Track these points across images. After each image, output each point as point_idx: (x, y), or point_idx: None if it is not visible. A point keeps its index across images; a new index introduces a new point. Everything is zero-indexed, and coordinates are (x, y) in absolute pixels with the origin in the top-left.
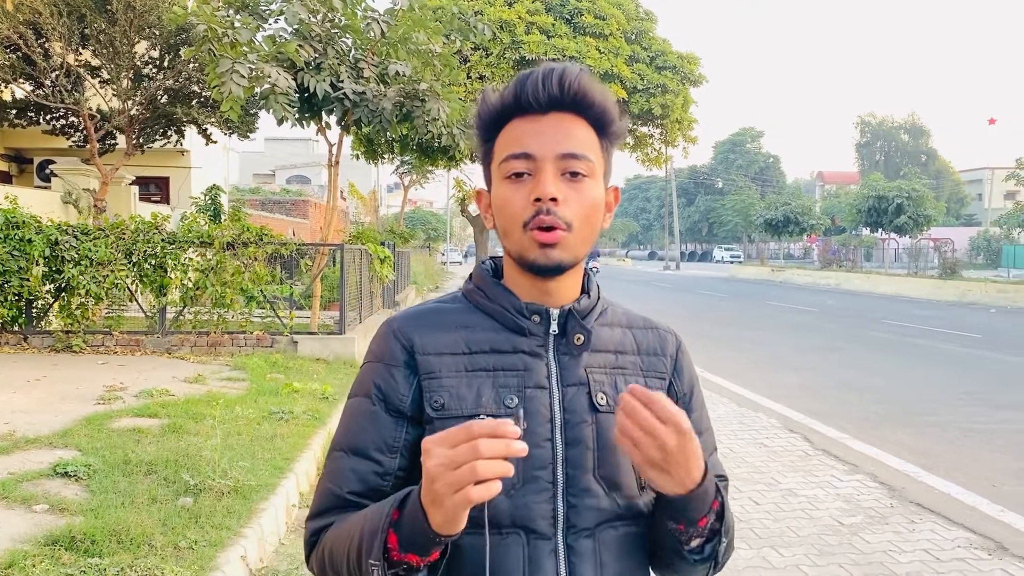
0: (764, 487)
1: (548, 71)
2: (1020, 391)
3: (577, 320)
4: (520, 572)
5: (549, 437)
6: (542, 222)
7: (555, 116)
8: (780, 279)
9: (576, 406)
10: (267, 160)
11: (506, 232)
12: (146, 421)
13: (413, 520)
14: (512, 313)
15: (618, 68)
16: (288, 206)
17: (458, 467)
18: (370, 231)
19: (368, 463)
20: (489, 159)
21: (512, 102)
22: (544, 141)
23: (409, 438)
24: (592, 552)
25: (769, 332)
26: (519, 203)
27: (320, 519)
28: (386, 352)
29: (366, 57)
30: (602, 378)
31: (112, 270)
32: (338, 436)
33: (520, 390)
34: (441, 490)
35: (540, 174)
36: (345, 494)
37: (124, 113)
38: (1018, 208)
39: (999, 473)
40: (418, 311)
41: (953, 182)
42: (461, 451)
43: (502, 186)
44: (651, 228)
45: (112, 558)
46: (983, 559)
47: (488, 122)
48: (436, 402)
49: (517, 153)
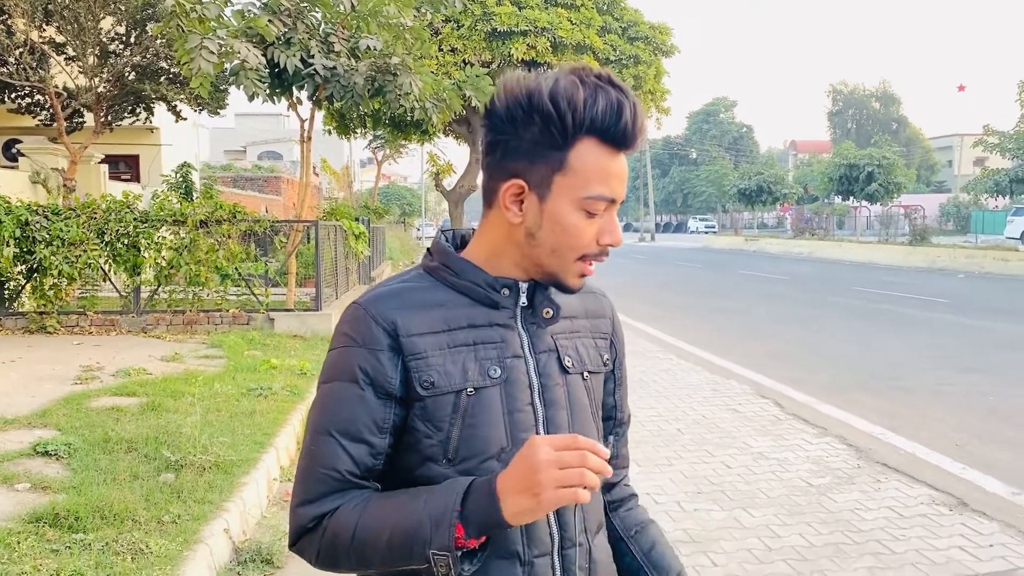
0: (736, 451)
1: (635, 110)
2: (985, 354)
3: (545, 294)
4: (519, 529)
5: (530, 401)
6: (601, 261)
7: (624, 156)
8: (753, 248)
9: (549, 370)
10: (238, 136)
11: (557, 252)
12: (124, 400)
13: (483, 508)
14: (484, 288)
15: (590, 39)
16: (260, 183)
17: (565, 467)
18: (344, 207)
19: (363, 446)
20: (557, 167)
21: (600, 124)
22: (622, 188)
23: (396, 419)
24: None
25: (742, 301)
26: (588, 238)
27: (318, 505)
28: (367, 336)
29: (336, 31)
30: (566, 343)
31: (84, 250)
32: (323, 420)
33: (501, 360)
34: (545, 482)
35: (613, 220)
36: (346, 476)
37: (91, 90)
38: (986, 174)
39: (962, 433)
40: (390, 291)
41: (923, 149)
42: (571, 456)
43: (575, 214)
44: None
45: (97, 533)
46: (944, 514)
47: (564, 128)
48: (426, 381)
49: (608, 197)
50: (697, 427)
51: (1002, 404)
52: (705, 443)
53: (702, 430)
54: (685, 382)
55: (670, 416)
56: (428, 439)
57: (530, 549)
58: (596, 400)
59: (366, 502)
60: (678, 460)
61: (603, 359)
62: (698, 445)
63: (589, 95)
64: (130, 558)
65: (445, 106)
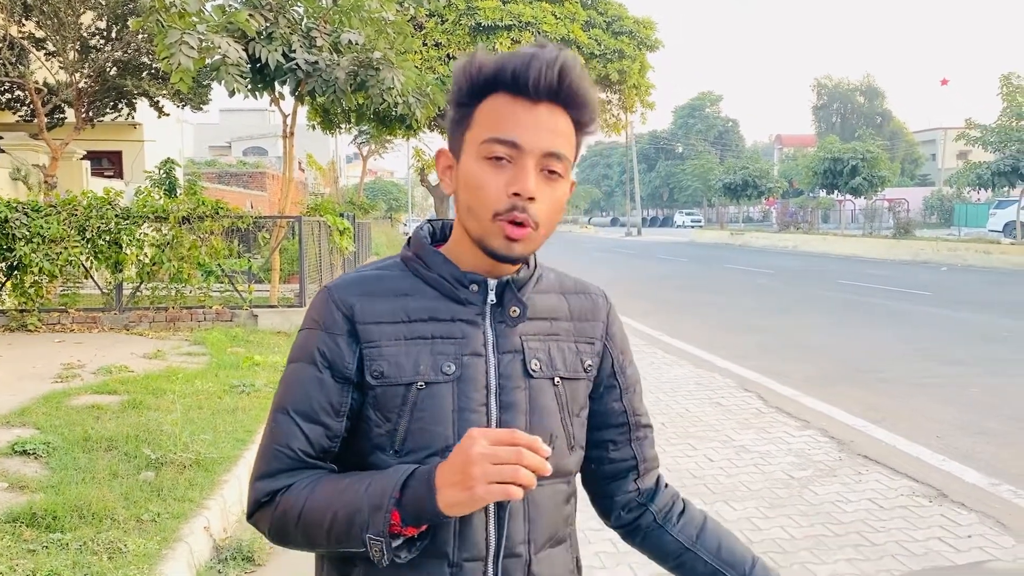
0: (719, 444)
1: (552, 59)
2: (966, 346)
3: (514, 292)
4: (451, 530)
5: (484, 403)
6: (515, 218)
7: (547, 107)
8: (739, 243)
9: (511, 372)
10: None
11: (471, 211)
12: (105, 398)
13: (420, 498)
14: (451, 282)
15: (575, 34)
16: (245, 178)
17: (499, 463)
18: (328, 203)
19: (318, 427)
20: (465, 125)
21: (508, 79)
22: (534, 134)
23: (354, 403)
24: (521, 509)
25: (727, 295)
26: (495, 190)
27: (273, 480)
28: (328, 320)
29: (318, 26)
30: (536, 345)
31: (65, 247)
32: (283, 400)
33: (457, 357)
34: (477, 475)
35: (523, 168)
36: (300, 454)
37: (72, 86)
38: (968, 167)
39: (943, 425)
40: (358, 277)
41: (907, 143)
42: (506, 451)
43: (478, 164)
44: (613, 194)
45: (74, 533)
46: (924, 506)
47: (473, 86)
48: (376, 371)
49: (504, 139)
50: (681, 420)
51: (982, 396)
52: (688, 437)
53: (686, 424)
54: (669, 376)
55: (654, 410)
56: (378, 428)
57: (460, 552)
58: (571, 407)
59: (316, 482)
60: (661, 454)
61: (583, 365)
62: (681, 439)
63: (502, 56)
64: (107, 557)
65: (429, 101)
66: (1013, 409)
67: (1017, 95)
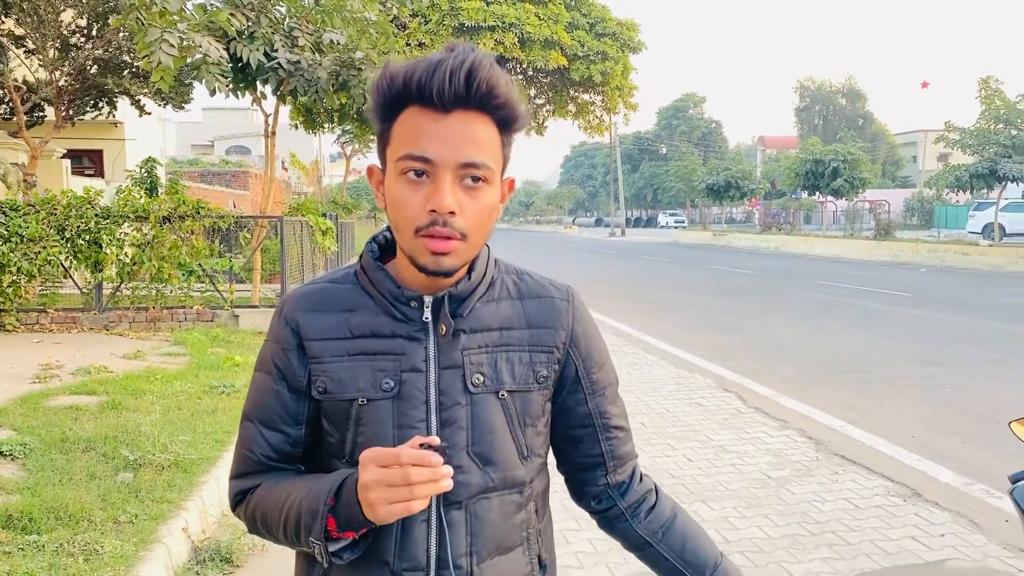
0: (697, 444)
1: (457, 64)
2: (943, 347)
3: (445, 310)
4: (392, 539)
5: (424, 419)
6: (437, 232)
7: (459, 116)
8: (721, 243)
9: (451, 388)
10: (205, 130)
11: (398, 229)
12: (84, 398)
13: (350, 509)
14: (389, 301)
15: (558, 35)
16: (228, 177)
17: (391, 487)
18: (310, 202)
19: (278, 435)
20: (385, 141)
21: (415, 91)
22: (445, 147)
23: (311, 413)
24: (464, 522)
25: (709, 296)
26: (414, 207)
27: (243, 480)
28: (279, 335)
29: (300, 25)
30: (480, 358)
31: (44, 246)
32: (248, 407)
33: (396, 374)
34: (375, 500)
35: (438, 182)
36: (261, 457)
37: (52, 84)
38: (947, 170)
39: (919, 425)
40: (307, 291)
41: (888, 145)
42: (394, 474)
43: (397, 182)
44: (597, 195)
45: (51, 535)
46: (899, 505)
47: (387, 102)
48: (319, 387)
49: (416, 155)
50: (660, 420)
51: (958, 396)
52: (668, 437)
53: (665, 424)
54: (650, 376)
55: (634, 410)
56: (330, 437)
57: (400, 562)
58: (522, 418)
59: (276, 483)
60: (640, 454)
61: (536, 375)
62: (661, 439)
63: (411, 66)
64: (83, 559)
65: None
66: (987, 409)
67: (995, 98)
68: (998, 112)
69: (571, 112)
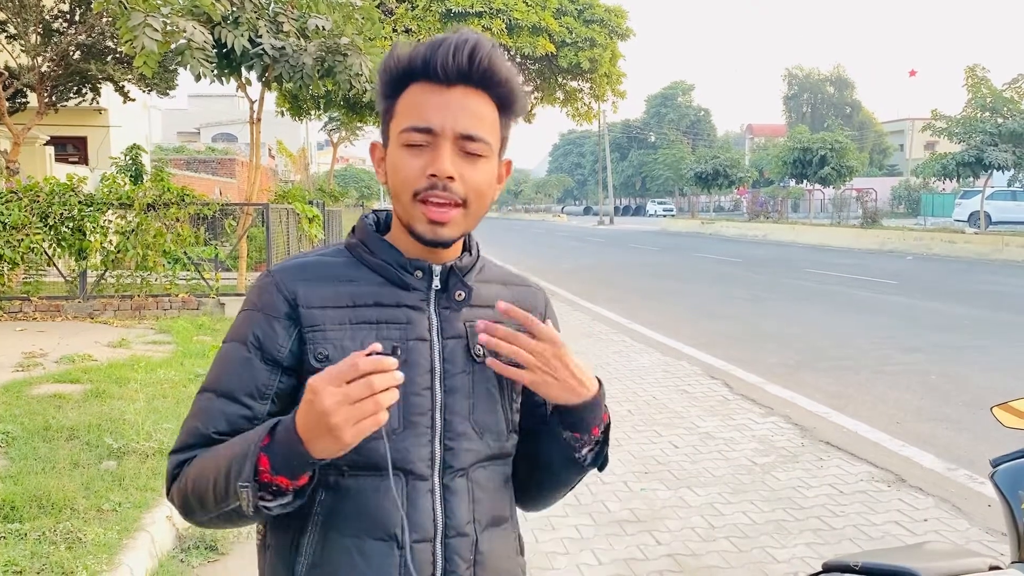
0: (684, 431)
1: (461, 42)
2: (928, 334)
3: (459, 277)
4: (399, 511)
5: (428, 386)
6: (436, 196)
7: (460, 90)
8: (710, 231)
9: (455, 357)
10: (191, 117)
11: (397, 196)
12: (67, 387)
13: (288, 444)
14: (395, 268)
15: (546, 21)
16: (214, 165)
17: (355, 402)
18: (297, 190)
19: (238, 407)
20: (389, 117)
21: (420, 67)
22: (446, 117)
23: (282, 387)
24: (466, 490)
25: (696, 283)
26: (414, 172)
27: (183, 454)
28: (267, 303)
29: (285, 11)
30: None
31: (27, 234)
32: (210, 378)
33: (402, 342)
34: (341, 423)
35: (438, 149)
36: (211, 433)
37: (34, 70)
38: (934, 158)
39: (903, 411)
40: (301, 263)
41: (876, 133)
42: (357, 387)
43: (399, 152)
44: (586, 183)
45: (33, 523)
46: (883, 490)
47: (393, 80)
48: (320, 354)
49: (419, 126)
50: (647, 408)
51: (941, 382)
52: (654, 424)
53: (652, 411)
54: (637, 364)
55: (621, 398)
56: None
57: (410, 533)
58: (510, 392)
59: (205, 453)
60: (627, 441)
61: None
62: (647, 426)
63: (418, 46)
64: (65, 547)
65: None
66: (970, 395)
67: (982, 87)
68: (984, 100)
69: (559, 99)
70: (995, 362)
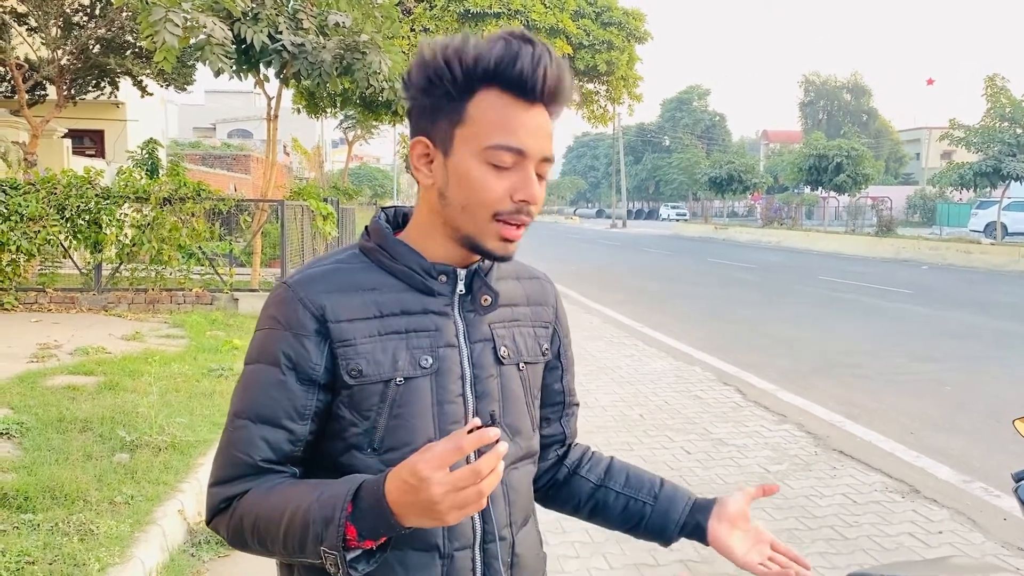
0: (696, 437)
1: (547, 59)
2: (942, 343)
3: (483, 281)
4: None
5: (461, 393)
6: (519, 220)
7: (540, 111)
8: (723, 237)
9: (483, 361)
10: (207, 113)
11: (467, 211)
12: (81, 378)
13: (378, 517)
14: (420, 274)
15: (564, 23)
16: (229, 161)
17: (461, 489)
18: (312, 187)
19: (280, 432)
20: (456, 119)
21: (514, 78)
22: (536, 142)
23: (320, 405)
24: (502, 494)
25: (709, 289)
26: (498, 193)
27: (229, 486)
28: (292, 320)
29: (305, 7)
30: (503, 332)
31: (44, 226)
32: (242, 404)
33: (433, 350)
34: (445, 510)
35: (527, 175)
36: (259, 463)
37: (54, 63)
38: (951, 167)
39: (917, 421)
40: (320, 272)
41: (892, 141)
42: (464, 476)
43: (481, 168)
44: (599, 186)
45: (46, 514)
46: (897, 501)
47: (469, 78)
48: (354, 370)
49: (513, 147)
50: (659, 413)
51: (956, 393)
52: (666, 429)
53: (664, 416)
54: (649, 368)
55: (633, 402)
56: (354, 427)
57: (451, 542)
58: (532, 390)
59: (270, 491)
60: (638, 445)
61: (542, 348)
62: (659, 431)
63: (486, 46)
64: (78, 539)
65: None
66: (986, 407)
67: (1001, 96)
68: (1004, 110)
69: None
70: (1012, 374)
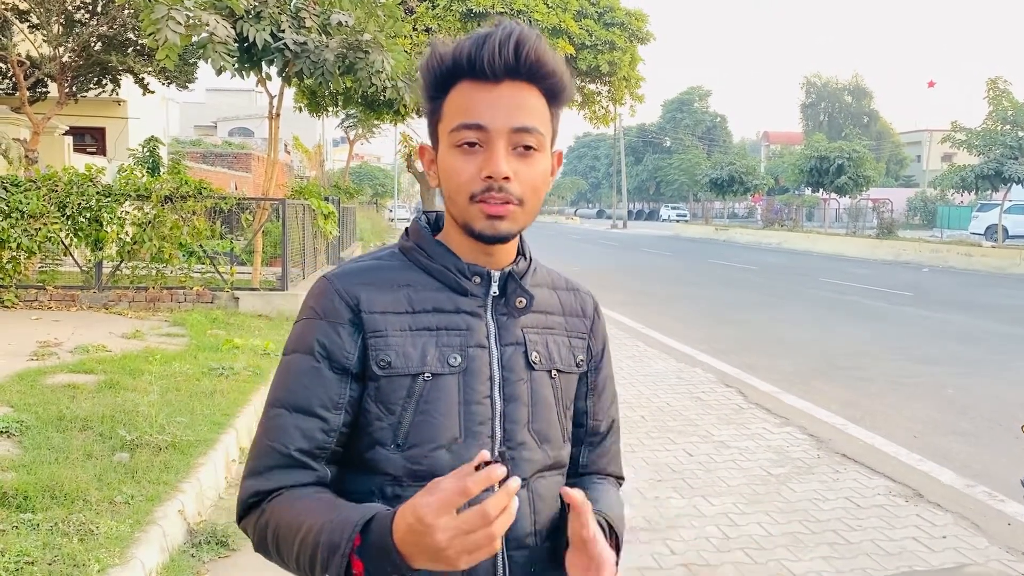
0: (698, 439)
1: (505, 36)
2: (944, 346)
3: (518, 283)
4: None
5: (488, 394)
6: (493, 198)
7: (509, 85)
8: (723, 238)
9: (514, 365)
10: (209, 111)
11: (452, 199)
12: (81, 377)
13: (384, 558)
14: (454, 274)
15: (566, 23)
16: (230, 159)
17: (469, 533)
18: (313, 186)
19: (315, 420)
20: (436, 117)
21: (465, 64)
22: (498, 113)
23: (353, 395)
24: (527, 500)
25: (710, 290)
26: (468, 174)
27: (263, 478)
28: (329, 309)
29: (308, 6)
30: (535, 337)
31: (45, 223)
32: (278, 393)
33: (463, 349)
34: (454, 555)
35: (492, 149)
36: (292, 452)
37: (55, 60)
38: (952, 170)
39: (920, 424)
40: (359, 268)
41: (893, 143)
42: (471, 519)
43: (451, 153)
44: (600, 186)
45: (45, 513)
46: (900, 505)
47: (437, 79)
48: (383, 360)
49: (470, 124)
50: (661, 415)
51: (959, 396)
52: (668, 431)
53: (665, 418)
54: (651, 369)
55: (635, 403)
56: (379, 421)
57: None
58: (565, 400)
59: (296, 500)
60: (640, 447)
61: (576, 359)
62: (661, 433)
63: (459, 44)
64: (78, 539)
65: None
66: (988, 410)
67: (1003, 99)
68: (1005, 113)
69: (577, 102)
70: (1013, 377)
